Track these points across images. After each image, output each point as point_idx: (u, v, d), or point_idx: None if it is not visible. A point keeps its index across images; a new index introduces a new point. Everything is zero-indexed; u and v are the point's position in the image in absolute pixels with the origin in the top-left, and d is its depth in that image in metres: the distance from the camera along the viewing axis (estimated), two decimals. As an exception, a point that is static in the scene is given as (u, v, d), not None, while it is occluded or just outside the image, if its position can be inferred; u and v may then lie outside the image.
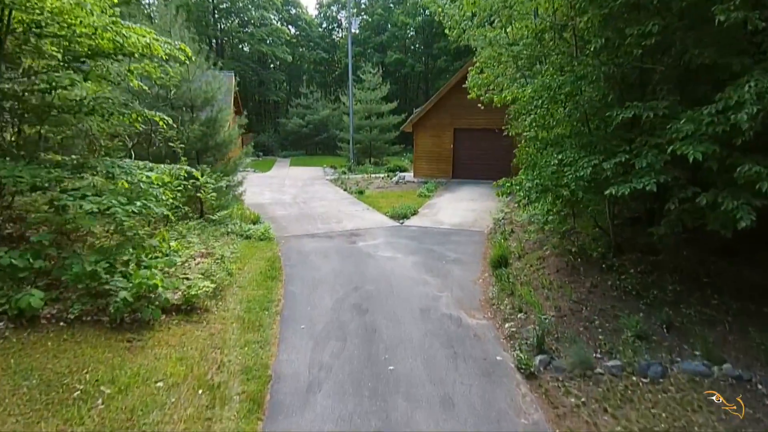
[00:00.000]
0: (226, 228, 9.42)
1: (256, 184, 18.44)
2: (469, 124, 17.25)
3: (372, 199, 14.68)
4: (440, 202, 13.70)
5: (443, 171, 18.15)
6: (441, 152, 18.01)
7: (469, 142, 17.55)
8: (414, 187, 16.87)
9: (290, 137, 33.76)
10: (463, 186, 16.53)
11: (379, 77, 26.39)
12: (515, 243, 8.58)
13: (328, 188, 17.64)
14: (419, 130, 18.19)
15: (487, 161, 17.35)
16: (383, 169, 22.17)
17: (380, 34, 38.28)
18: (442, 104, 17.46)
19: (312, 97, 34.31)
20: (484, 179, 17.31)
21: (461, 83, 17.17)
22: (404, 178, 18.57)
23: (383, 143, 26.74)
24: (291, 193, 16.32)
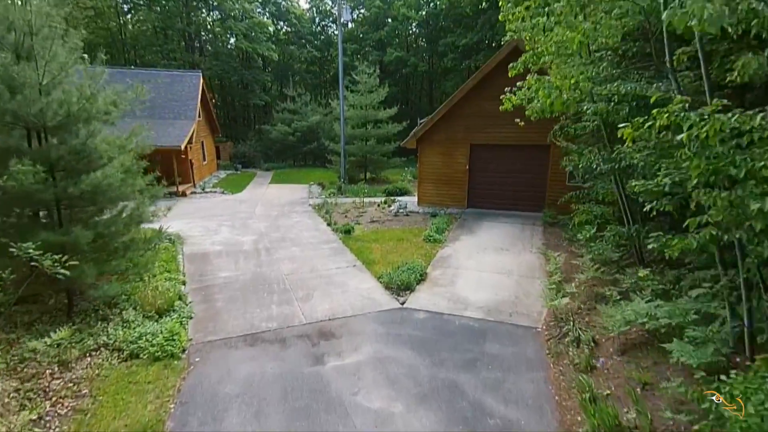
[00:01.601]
0: (104, 334, 5.71)
1: (216, 214, 14.75)
2: (490, 139, 13.56)
3: (362, 244, 10.97)
4: (457, 252, 9.96)
5: (456, 198, 14.44)
6: (453, 174, 14.31)
7: (490, 163, 13.85)
8: (419, 222, 13.16)
9: (275, 146, 30.13)
10: (484, 221, 12.80)
11: (376, 78, 22.76)
12: (613, 377, 4.85)
13: (308, 221, 13.92)
14: (425, 146, 14.51)
15: (516, 187, 13.64)
16: (380, 191, 18.46)
17: (379, 29, 34.74)
18: (455, 114, 13.79)
19: (300, 101, 30.69)
20: (510, 210, 13.63)
21: (482, 87, 13.55)
22: (405, 207, 14.86)
23: (380, 156, 23.07)
24: (257, 230, 12.60)
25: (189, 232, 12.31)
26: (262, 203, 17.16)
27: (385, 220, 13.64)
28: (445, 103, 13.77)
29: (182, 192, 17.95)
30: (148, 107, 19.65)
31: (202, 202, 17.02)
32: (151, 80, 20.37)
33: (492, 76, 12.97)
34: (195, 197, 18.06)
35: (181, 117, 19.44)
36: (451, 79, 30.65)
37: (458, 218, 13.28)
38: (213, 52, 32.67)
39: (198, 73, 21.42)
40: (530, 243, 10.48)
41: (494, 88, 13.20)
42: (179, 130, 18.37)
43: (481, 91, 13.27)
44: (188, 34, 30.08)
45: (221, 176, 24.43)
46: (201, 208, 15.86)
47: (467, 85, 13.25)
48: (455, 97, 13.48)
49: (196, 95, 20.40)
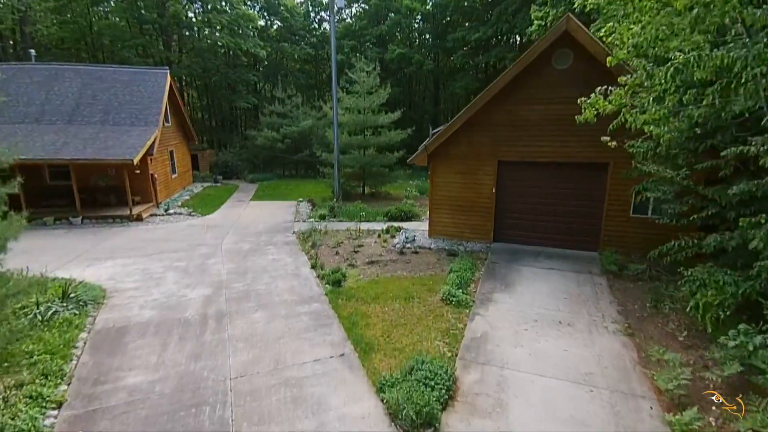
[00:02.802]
0: None
1: (170, 249, 11.66)
2: (525, 154, 10.51)
3: (356, 305, 7.91)
4: (495, 330, 6.87)
5: (478, 230, 11.37)
6: (475, 199, 11.26)
7: (525, 184, 10.79)
8: (432, 264, 10.07)
9: (261, 155, 27.10)
10: (520, 264, 9.70)
11: (376, 77, 19.75)
12: None
13: (288, 261, 10.86)
14: (440, 162, 11.46)
15: (560, 217, 10.57)
16: (381, 214, 15.38)
17: (379, 23, 31.81)
18: (479, 122, 10.75)
19: (291, 103, 27.70)
20: (550, 246, 10.58)
21: (515, 87, 10.51)
22: (413, 240, 11.78)
23: (381, 167, 20.02)
24: (216, 278, 9.53)
25: (119, 283, 9.25)
26: (236, 230, 14.08)
27: (388, 261, 10.54)
28: (466, 109, 10.74)
29: (137, 215, 14.89)
30: (100, 111, 16.73)
31: (158, 231, 13.94)
32: (105, 79, 17.41)
33: (529, 73, 9.96)
34: (153, 222, 14.99)
35: (140, 123, 16.41)
36: (461, 79, 27.69)
37: (484, 259, 10.19)
38: (192, 48, 29.67)
39: (164, 71, 18.44)
40: (599, 309, 7.39)
41: (532, 89, 10.21)
42: (135, 139, 15.34)
43: (514, 93, 10.26)
44: (162, 27, 27.08)
45: (196, 191, 21.38)
46: (153, 240, 12.78)
47: (496, 86, 10.22)
48: (479, 101, 10.45)
49: (160, 97, 17.39)
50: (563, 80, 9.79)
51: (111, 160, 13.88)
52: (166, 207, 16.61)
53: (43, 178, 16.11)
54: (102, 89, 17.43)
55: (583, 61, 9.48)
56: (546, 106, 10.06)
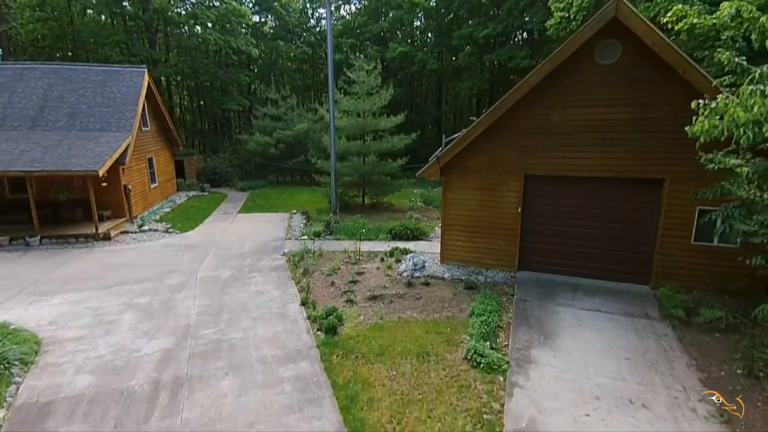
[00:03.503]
0: None
1: (134, 278, 9.89)
2: (558, 167, 8.82)
3: (355, 365, 6.24)
4: (546, 416, 5.16)
5: (500, 255, 9.66)
6: (496, 219, 9.55)
7: (557, 203, 9.09)
8: (447, 300, 8.35)
9: (253, 160, 25.39)
10: (557, 304, 7.99)
11: (377, 76, 18.07)
12: None
13: (273, 294, 9.14)
14: (454, 176, 9.76)
15: (601, 242, 8.87)
16: (384, 231, 13.65)
17: (380, 20, 30.18)
18: (502, 129, 9.06)
19: (285, 105, 26.02)
20: (589, 277, 8.89)
21: (547, 88, 8.69)
22: (423, 267, 10.07)
23: (383, 175, 18.30)
24: (182, 320, 7.82)
25: (61, 329, 7.53)
26: (217, 251, 12.35)
27: (394, 295, 8.81)
28: (487, 114, 9.03)
29: (105, 233, 13.14)
30: (66, 114, 15.03)
31: (126, 253, 12.20)
32: (74, 78, 15.70)
33: (565, 69, 8.29)
34: (123, 241, 13.25)
35: (110, 128, 14.70)
36: (467, 79, 26.04)
37: (510, 294, 8.47)
38: (179, 45, 27.95)
39: (141, 70, 16.74)
40: (676, 378, 5.68)
41: (568, 89, 8.47)
42: (104, 146, 13.63)
43: (546, 94, 8.58)
44: (146, 23, 25.38)
45: (179, 201, 19.64)
46: (117, 266, 11.04)
47: (523, 86, 8.53)
48: (503, 105, 8.75)
49: (136, 98, 15.68)
50: (608, 78, 8.11)
51: (72, 172, 12.16)
52: (141, 222, 14.87)
53: (3, 191, 14.39)
54: (70, 90, 15.73)
55: (634, 54, 7.81)
56: (585, 109, 8.38)
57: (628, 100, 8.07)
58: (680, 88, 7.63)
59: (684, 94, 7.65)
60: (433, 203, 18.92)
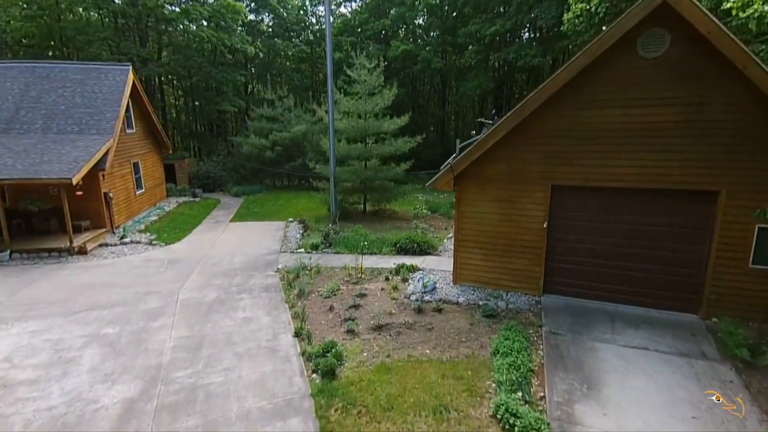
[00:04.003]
0: None
1: (105, 303, 8.69)
2: (591, 177, 7.70)
3: (360, 423, 5.05)
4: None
5: (522, 276, 8.53)
6: (518, 236, 8.42)
7: (590, 217, 7.95)
8: (464, 331, 7.22)
9: (248, 164, 24.27)
10: (596, 334, 6.86)
11: (379, 74, 16.96)
12: None
13: (263, 321, 8.04)
14: (469, 186, 8.64)
15: (642, 263, 7.74)
16: (388, 244, 12.50)
17: (381, 17, 29.11)
18: (525, 133, 7.95)
19: (282, 105, 24.92)
20: (627, 303, 7.77)
21: (579, 86, 7.33)
22: (434, 289, 8.93)
23: (385, 181, 17.17)
24: (153, 358, 6.70)
25: (14, 369, 6.47)
26: (204, 267, 11.22)
27: (402, 325, 7.67)
28: (508, 116, 7.91)
29: (80, 247, 12.02)
30: (42, 116, 13.92)
31: (102, 270, 11.06)
32: (53, 77, 14.61)
33: (602, 64, 7.19)
34: (101, 255, 12.12)
35: (90, 130, 13.59)
36: (473, 79, 24.94)
37: (538, 325, 7.33)
38: (170, 43, 26.81)
39: (125, 67, 15.63)
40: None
41: (605, 86, 7.32)
42: (81, 151, 12.52)
43: (579, 93, 7.49)
44: (136, 19, 24.26)
45: (168, 208, 18.52)
46: (90, 286, 9.91)
47: (552, 84, 7.41)
48: (528, 105, 7.64)
49: (118, 98, 14.57)
50: (653, 74, 7.00)
51: (42, 180, 11.05)
52: (123, 233, 13.74)
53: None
54: (48, 90, 14.63)
55: (685, 45, 6.70)
56: (625, 110, 7.27)
57: (676, 99, 6.95)
58: (739, 86, 6.54)
59: (744, 93, 6.57)
60: (439, 210, 17.81)
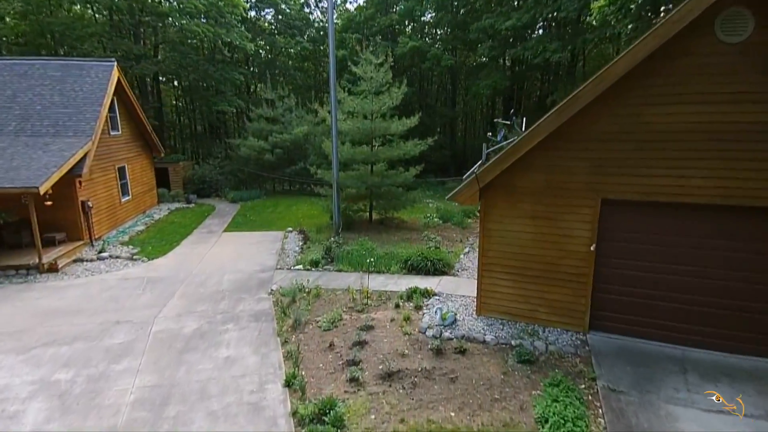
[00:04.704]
0: None
1: (64, 337, 7.27)
2: (655, 190, 6.26)
3: None
4: None
5: (563, 309, 7.09)
6: (558, 259, 6.99)
7: (653, 239, 6.51)
8: (494, 384, 5.81)
9: (247, 167, 23.00)
10: (670, 392, 5.44)
11: (387, 71, 15.59)
12: None
13: (249, 362, 6.74)
14: (497, 200, 7.23)
15: (721, 296, 6.26)
16: (396, 261, 11.09)
17: (388, 12, 27.79)
18: (569, 137, 6.54)
19: (283, 106, 23.65)
20: (701, 347, 6.34)
21: (643, 78, 5.74)
22: (454, 321, 7.52)
23: (393, 187, 15.78)
24: (109, 413, 5.41)
25: None
26: (187, 288, 9.88)
27: (418, 372, 6.26)
28: (548, 117, 6.48)
29: (50, 264, 10.73)
30: (16, 117, 12.69)
31: (70, 291, 9.75)
32: (30, 75, 13.41)
33: (668, 52, 5.77)
34: (73, 273, 10.82)
35: (67, 132, 12.36)
36: (486, 77, 23.53)
37: (592, 378, 5.88)
38: (163, 39, 25.59)
39: (110, 64, 14.40)
40: None
41: (672, 78, 5.79)
42: (54, 155, 11.27)
43: (638, 87, 6.05)
44: (123, 11, 23.04)
45: (158, 216, 17.26)
46: (52, 313, 8.61)
47: (605, 77, 5.98)
48: (573, 104, 6.22)
49: (101, 97, 13.33)
50: (737, 63, 5.56)
51: (6, 189, 9.77)
52: (103, 246, 12.46)
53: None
54: (24, 88, 13.44)
55: (783, 24, 5.26)
56: (699, 106, 5.84)
57: (766, 94, 5.52)
58: None
59: None
60: (452, 220, 16.38)
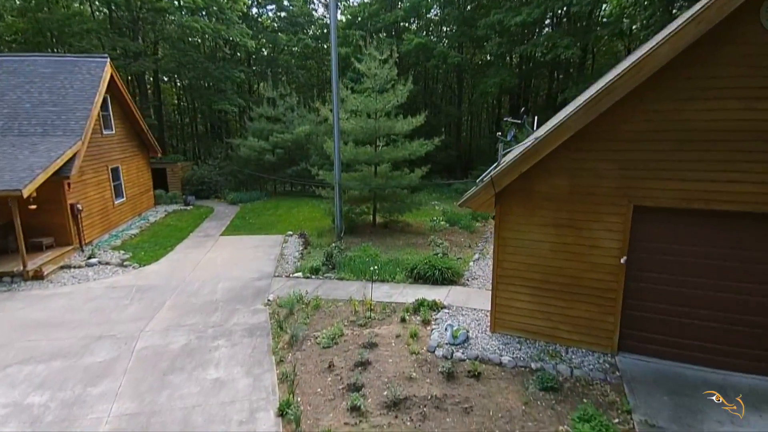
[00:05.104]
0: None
1: (48, 349, 6.76)
2: (695, 196, 5.55)
3: None
4: None
5: (588, 327, 6.41)
6: (583, 272, 6.31)
7: (692, 250, 5.81)
8: (515, 416, 5.13)
9: (248, 168, 22.42)
10: (711, 424, 4.71)
11: (392, 68, 14.93)
12: None
13: (240, 386, 6.10)
14: (514, 206, 6.56)
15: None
16: (401, 269, 10.44)
17: (393, 8, 27.12)
18: (596, 137, 5.84)
19: (284, 104, 23.05)
20: (755, 371, 5.53)
21: (669, 73, 5.47)
22: (466, 339, 6.85)
23: (397, 188, 15.12)
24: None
25: None
26: (177, 299, 9.27)
27: (427, 401, 5.60)
28: (573, 114, 5.79)
29: (35, 271, 10.16)
30: (4, 115, 12.16)
31: (53, 301, 9.17)
32: (20, 71, 12.88)
33: (708, 43, 5.08)
34: (58, 281, 10.25)
35: (56, 132, 11.81)
36: (494, 75, 22.82)
37: (627, 411, 5.20)
38: (163, 36, 25.05)
39: (102, 60, 13.85)
40: None
41: (713, 70, 5.09)
42: (40, 156, 10.71)
43: (675, 80, 5.36)
44: (118, 6, 22.52)
45: (153, 219, 16.70)
46: (32, 325, 8.03)
47: (647, 64, 5.28)
48: (604, 99, 5.52)
49: (92, 95, 12.77)
50: (796, 49, 4.87)
51: (-15, 191, 9.22)
52: (92, 251, 11.90)
53: None
54: (13, 86, 12.90)
55: None
56: (748, 102, 5.14)
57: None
58: None
59: None
60: (459, 223, 15.70)
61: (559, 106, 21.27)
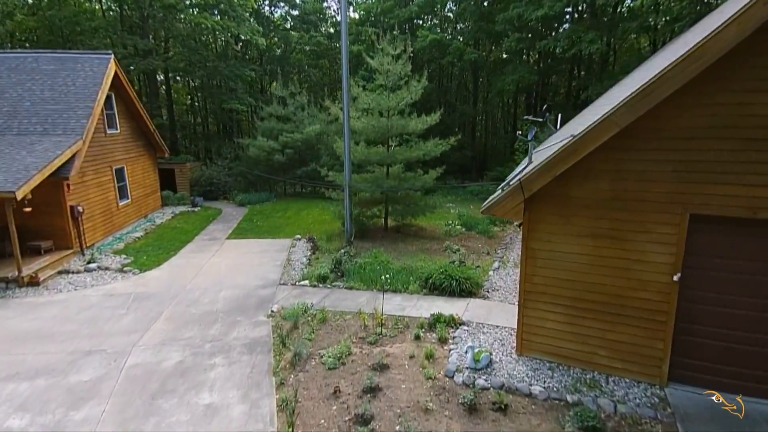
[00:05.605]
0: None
1: (34, 365, 6.23)
2: (766, 204, 4.67)
3: None
4: None
5: (632, 353, 5.59)
6: (626, 290, 5.49)
7: (761, 267, 4.92)
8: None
9: (257, 168, 21.93)
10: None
11: (406, 63, 14.20)
12: None
13: (234, 413, 5.45)
14: (545, 213, 5.78)
15: None
16: (415, 278, 9.70)
17: (407, 4, 26.37)
18: (644, 135, 5.02)
19: (294, 103, 22.52)
20: None
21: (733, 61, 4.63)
22: (489, 364, 6.09)
23: (410, 190, 14.38)
24: None
25: None
26: (176, 308, 8.70)
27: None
28: (617, 109, 4.99)
29: (31, 276, 9.72)
30: (5, 114, 11.81)
31: (47, 310, 8.68)
32: (22, 69, 12.55)
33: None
34: (54, 287, 9.79)
35: (56, 131, 11.41)
36: (512, 72, 21.89)
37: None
38: (172, 35, 24.78)
39: (106, 57, 13.44)
40: None
41: None
42: (38, 156, 10.29)
43: (742, 67, 4.52)
44: (133, 7, 22.35)
45: (159, 221, 16.29)
46: (22, 337, 7.55)
47: (710, 49, 4.47)
48: (658, 89, 4.72)
49: (94, 92, 12.36)
50: None
51: (-24, 193, 8.80)
52: (92, 255, 11.46)
53: None
54: (14, 83, 12.58)
55: None
56: (837, 92, 4.28)
57: None
58: None
59: None
60: (476, 228, 14.89)
61: (581, 104, 20.28)
